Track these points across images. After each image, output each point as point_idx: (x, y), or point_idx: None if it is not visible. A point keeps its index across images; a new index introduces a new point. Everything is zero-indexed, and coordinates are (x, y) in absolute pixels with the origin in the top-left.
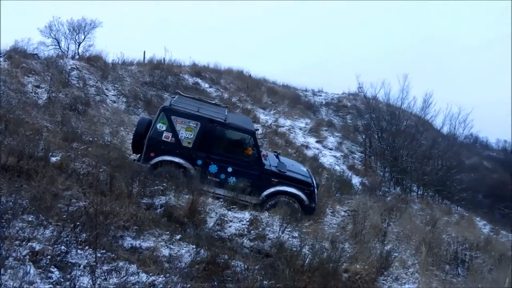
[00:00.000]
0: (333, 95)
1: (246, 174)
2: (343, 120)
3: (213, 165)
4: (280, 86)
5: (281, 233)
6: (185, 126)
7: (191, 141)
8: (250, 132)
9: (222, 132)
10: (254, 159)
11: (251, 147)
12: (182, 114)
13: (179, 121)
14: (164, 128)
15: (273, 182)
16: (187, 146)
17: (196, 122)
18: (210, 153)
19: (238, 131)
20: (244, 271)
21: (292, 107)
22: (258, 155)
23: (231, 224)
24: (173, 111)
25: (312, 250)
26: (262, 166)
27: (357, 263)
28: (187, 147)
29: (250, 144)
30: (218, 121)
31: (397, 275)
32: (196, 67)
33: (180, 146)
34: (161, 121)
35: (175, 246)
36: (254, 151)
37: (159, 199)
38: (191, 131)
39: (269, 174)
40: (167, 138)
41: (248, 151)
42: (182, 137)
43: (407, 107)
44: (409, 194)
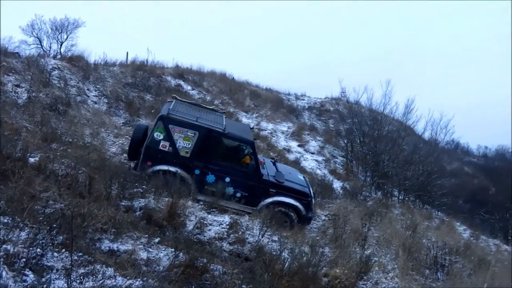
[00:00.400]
0: (316, 99)
1: (244, 184)
2: (326, 125)
3: (211, 175)
4: (263, 90)
5: (260, 237)
6: (183, 135)
7: (189, 151)
8: (249, 142)
9: (220, 142)
10: (252, 170)
11: (250, 157)
12: (180, 123)
13: (177, 130)
14: (162, 137)
15: (271, 192)
16: (184, 155)
17: (194, 131)
18: (208, 162)
19: (237, 141)
20: (222, 275)
21: (275, 110)
22: (256, 166)
23: (211, 228)
24: (170, 120)
25: (292, 254)
26: (260, 176)
27: (336, 268)
28: (184, 156)
29: (248, 154)
30: (217, 130)
31: (377, 279)
32: (179, 69)
33: (177, 155)
34: (158, 129)
35: (153, 249)
36: (252, 161)
37: (138, 202)
38: (189, 141)
39: (267, 184)
40: (164, 147)
41: (246, 160)
42: (180, 147)
43: (390, 112)
44: (390, 199)
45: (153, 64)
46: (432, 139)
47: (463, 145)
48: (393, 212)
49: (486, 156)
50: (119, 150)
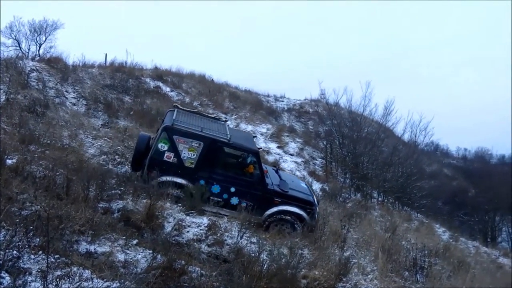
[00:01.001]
0: (295, 101)
1: (249, 194)
2: (305, 126)
3: (216, 185)
4: (242, 91)
5: (239, 239)
6: (188, 146)
7: (194, 161)
8: (253, 151)
9: (225, 152)
10: (258, 179)
11: (254, 166)
12: (184, 134)
13: (182, 140)
14: (166, 148)
15: (276, 201)
16: (189, 166)
17: (199, 142)
18: (213, 173)
19: (242, 150)
20: (200, 277)
21: (254, 112)
22: (261, 175)
23: (189, 229)
24: (175, 131)
25: (270, 256)
26: (265, 186)
27: (315, 270)
28: (189, 167)
29: (253, 164)
30: (221, 141)
31: (356, 281)
32: (158, 70)
33: (182, 166)
34: (162, 140)
35: (131, 251)
36: (257, 170)
37: (116, 203)
38: (194, 151)
39: (272, 193)
40: (169, 158)
41: (250, 169)
42: (185, 157)
43: (369, 114)
44: (370, 201)
45: (132, 65)
46: (412, 141)
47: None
48: (373, 214)
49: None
50: (98, 152)
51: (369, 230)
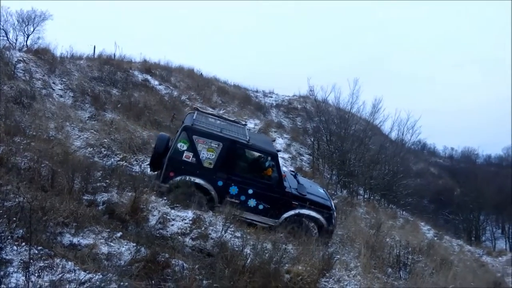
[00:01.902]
0: (284, 97)
1: (267, 196)
2: (293, 122)
3: (234, 186)
4: (231, 86)
5: (223, 233)
6: (207, 146)
7: (213, 162)
8: (272, 154)
9: (244, 153)
10: (276, 181)
11: (272, 169)
12: (204, 134)
13: (201, 141)
14: (185, 148)
15: (294, 205)
16: (208, 166)
17: (218, 142)
18: (231, 174)
19: (261, 152)
20: (183, 270)
21: (242, 107)
22: (279, 178)
23: (174, 223)
24: (195, 131)
25: (254, 251)
26: (283, 188)
27: (299, 265)
28: (208, 167)
29: (271, 166)
30: (241, 142)
31: (339, 277)
32: (146, 63)
33: (201, 166)
34: (182, 140)
35: (115, 244)
36: (275, 173)
37: (101, 196)
38: (213, 152)
39: (289, 197)
40: (187, 158)
41: (268, 172)
42: (203, 158)
43: (357, 112)
44: (356, 198)
45: (121, 58)
46: (399, 139)
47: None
48: (358, 211)
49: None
50: (84, 144)
51: (354, 226)
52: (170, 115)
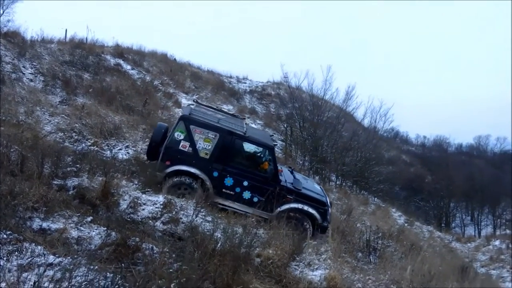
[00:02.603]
0: (258, 83)
1: (262, 189)
2: (266, 108)
3: (229, 177)
4: (205, 71)
5: (194, 217)
6: (204, 136)
7: (209, 152)
8: (269, 147)
9: (240, 145)
10: (271, 175)
11: (268, 162)
12: (201, 124)
13: (198, 131)
14: (182, 137)
15: (288, 199)
16: (204, 157)
17: (215, 133)
18: (227, 165)
19: (257, 145)
20: (153, 254)
21: (216, 92)
22: (275, 171)
23: (145, 207)
24: (192, 121)
25: (224, 235)
26: (278, 182)
27: (269, 249)
28: (204, 158)
29: (267, 159)
30: (237, 133)
31: (310, 260)
32: (119, 48)
33: (197, 156)
34: (179, 129)
35: (85, 228)
36: (271, 166)
37: (72, 181)
38: (209, 142)
39: (284, 190)
40: (184, 147)
41: (265, 165)
42: (200, 148)
43: (330, 98)
44: (328, 184)
45: (93, 42)
46: (372, 126)
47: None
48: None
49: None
50: (54, 129)
51: None
52: (143, 100)
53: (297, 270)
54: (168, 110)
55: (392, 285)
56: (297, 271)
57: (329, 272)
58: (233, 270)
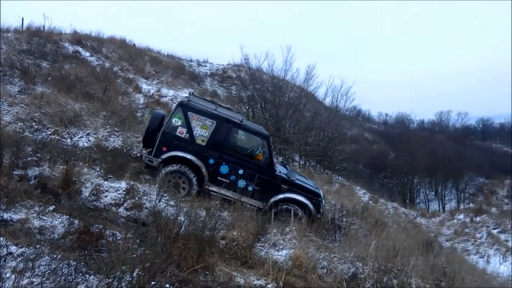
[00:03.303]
0: (218, 66)
1: (257, 178)
2: (228, 91)
3: (225, 165)
4: (165, 56)
5: (158, 202)
6: (201, 123)
7: (205, 139)
8: (264, 136)
9: (237, 134)
10: (266, 164)
11: (263, 151)
12: (199, 111)
13: (195, 117)
14: (180, 123)
15: (283, 188)
16: (200, 143)
17: (212, 120)
18: (223, 153)
19: (253, 133)
20: (117, 240)
21: (176, 77)
22: (270, 160)
23: (107, 194)
24: (190, 108)
25: (188, 218)
26: (273, 171)
27: (234, 231)
28: (200, 144)
29: (263, 148)
30: (234, 121)
31: (275, 241)
32: (77, 35)
33: (193, 143)
34: (177, 116)
35: (48, 218)
36: (266, 155)
37: (32, 170)
38: (206, 129)
39: (279, 180)
40: (181, 133)
41: (259, 155)
42: (197, 134)
43: (291, 79)
44: (291, 164)
45: (50, 30)
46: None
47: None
48: None
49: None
50: (14, 119)
51: None
52: (102, 86)
53: (262, 251)
54: (129, 96)
55: (357, 262)
56: (263, 252)
57: (295, 252)
58: (197, 253)
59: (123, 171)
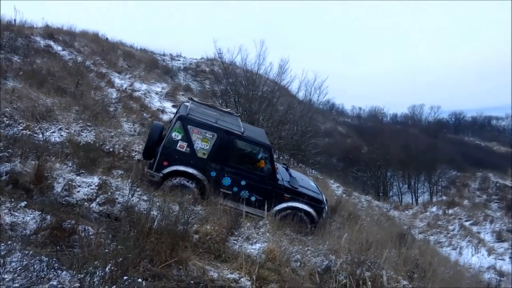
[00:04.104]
0: (192, 60)
1: (259, 188)
2: (201, 85)
3: (227, 177)
4: (138, 50)
5: (130, 197)
6: (201, 136)
7: (206, 152)
8: (266, 146)
9: (238, 145)
10: (269, 174)
11: (265, 161)
12: (199, 124)
13: (196, 131)
14: (180, 137)
15: (286, 197)
16: (201, 157)
17: (213, 133)
18: (225, 165)
19: (255, 144)
20: (89, 235)
21: (149, 71)
22: (272, 170)
23: (80, 189)
24: (190, 121)
25: (161, 213)
26: (276, 181)
27: (207, 225)
28: (201, 158)
29: (264, 159)
30: (235, 133)
31: (248, 235)
32: (48, 29)
33: (194, 156)
34: (176, 129)
35: (19, 214)
36: (268, 165)
37: (4, 166)
38: (207, 142)
39: (282, 189)
40: (182, 147)
41: (261, 164)
42: (198, 148)
43: (264, 73)
44: None
45: (21, 24)
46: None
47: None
48: None
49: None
50: None
51: None
52: (75, 81)
53: (236, 245)
54: (101, 90)
55: (331, 254)
56: (236, 246)
57: (268, 245)
58: (170, 247)
59: (95, 166)
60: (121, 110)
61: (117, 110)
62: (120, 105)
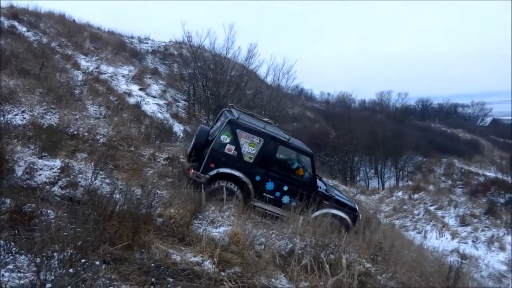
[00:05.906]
0: (160, 43)
1: (300, 194)
2: (169, 69)
3: (270, 182)
4: (105, 32)
5: (93, 180)
6: (249, 141)
7: (253, 157)
8: (309, 153)
9: (282, 151)
10: (310, 180)
11: (306, 168)
12: (248, 129)
13: (244, 135)
14: (228, 141)
15: (324, 204)
16: (248, 161)
17: (260, 138)
18: (269, 170)
19: (298, 151)
20: (50, 219)
21: (116, 53)
22: (313, 177)
23: (41, 172)
24: (239, 125)
25: (124, 196)
26: (316, 187)
27: (171, 208)
28: (248, 162)
29: (306, 165)
30: (281, 140)
31: (213, 218)
32: (13, 9)
33: (241, 160)
34: (225, 133)
35: None
36: (310, 172)
37: None
38: (254, 147)
39: (321, 196)
40: (229, 150)
41: (302, 171)
42: (245, 152)
43: (233, 57)
44: None
45: None
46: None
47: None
48: None
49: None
50: None
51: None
52: (39, 63)
53: (200, 228)
54: (67, 72)
55: (295, 238)
56: (200, 229)
57: (232, 228)
58: (133, 231)
59: (58, 149)
60: (86, 93)
61: (83, 93)
62: (85, 88)
